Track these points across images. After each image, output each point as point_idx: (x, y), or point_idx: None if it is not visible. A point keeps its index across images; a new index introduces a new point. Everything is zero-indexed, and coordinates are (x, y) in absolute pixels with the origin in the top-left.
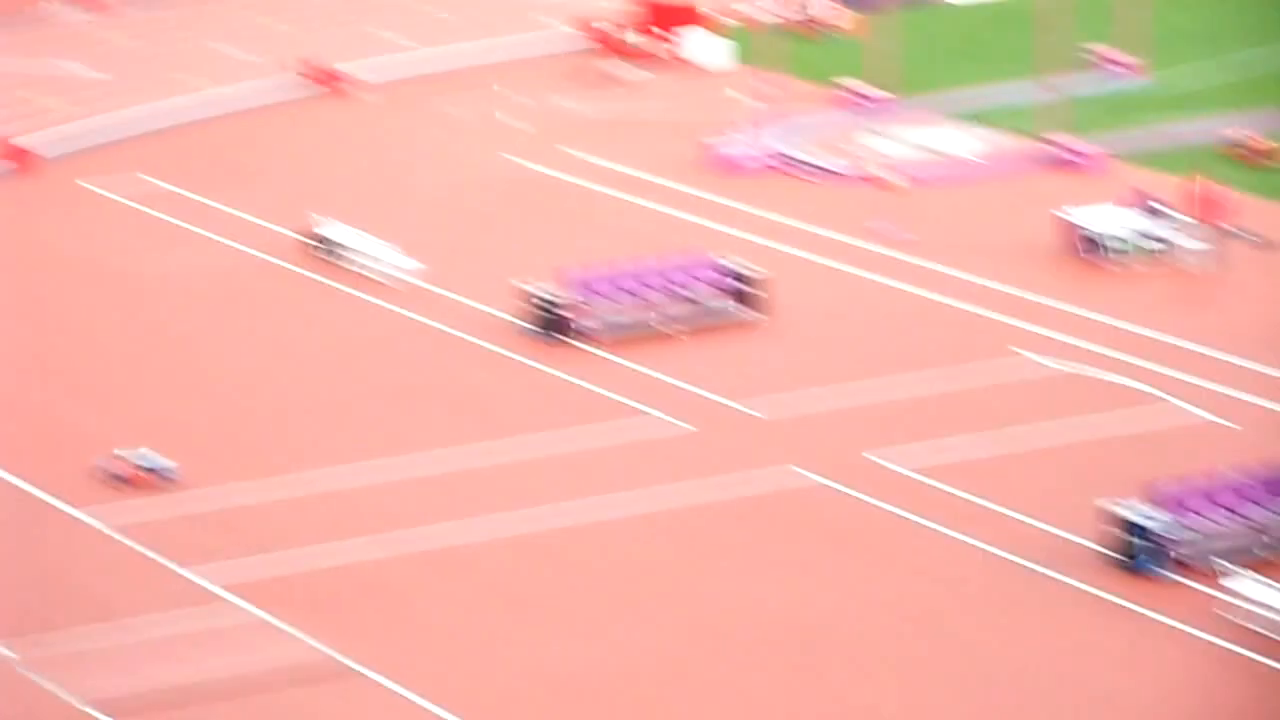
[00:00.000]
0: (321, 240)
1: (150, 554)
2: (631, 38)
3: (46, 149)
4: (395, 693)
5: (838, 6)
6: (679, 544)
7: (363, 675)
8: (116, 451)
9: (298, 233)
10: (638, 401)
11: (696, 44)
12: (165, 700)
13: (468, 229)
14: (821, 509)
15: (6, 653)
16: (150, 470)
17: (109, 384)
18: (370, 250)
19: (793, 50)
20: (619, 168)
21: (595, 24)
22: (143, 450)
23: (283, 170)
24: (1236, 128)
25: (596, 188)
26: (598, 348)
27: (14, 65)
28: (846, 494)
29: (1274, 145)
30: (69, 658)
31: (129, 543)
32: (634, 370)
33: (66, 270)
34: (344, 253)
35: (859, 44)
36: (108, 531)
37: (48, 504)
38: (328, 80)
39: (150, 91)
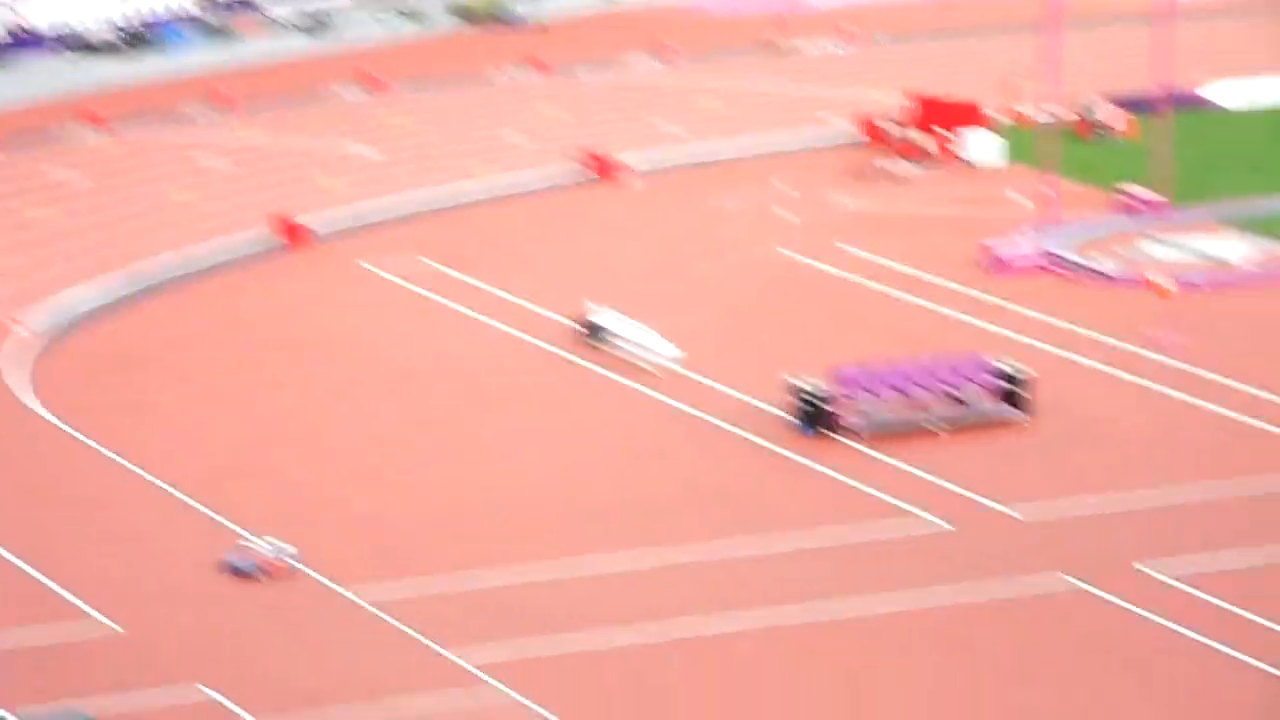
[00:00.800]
0: (591, 326)
1: (412, 633)
2: (909, 134)
3: (322, 226)
4: None
5: (1112, 108)
6: (937, 646)
7: None
8: (241, 542)
9: (568, 318)
10: (897, 498)
11: (972, 142)
12: None
13: (738, 319)
14: (1086, 617)
15: None
16: (277, 559)
17: (369, 459)
18: (637, 337)
19: (1066, 150)
20: (892, 264)
21: (873, 120)
22: (267, 539)
23: (555, 255)
24: None
25: (868, 284)
26: (860, 443)
27: (297, 143)
28: (1113, 602)
29: None
30: None
31: (391, 621)
32: (895, 467)
33: (334, 345)
34: (612, 339)
35: (1132, 146)
36: (368, 608)
37: (320, 583)
38: (603, 168)
39: (426, 174)
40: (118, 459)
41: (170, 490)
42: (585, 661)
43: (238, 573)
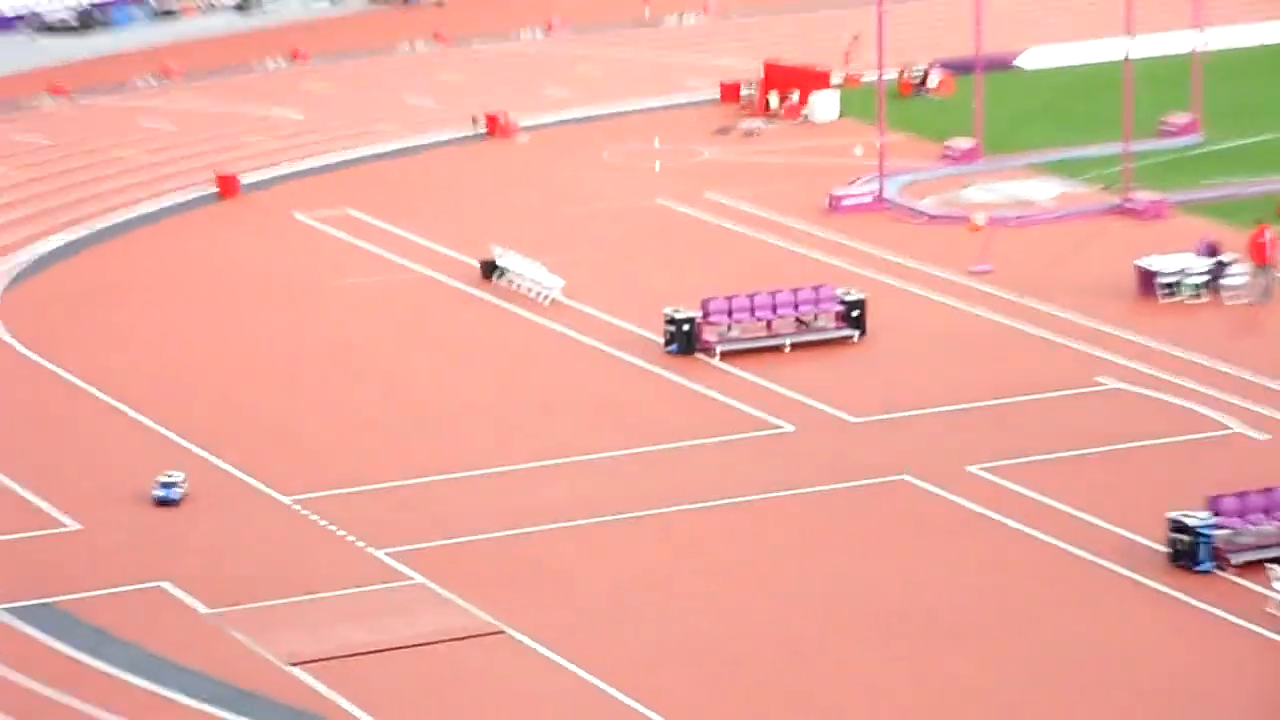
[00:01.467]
0: (492, 264)
1: (344, 535)
2: (762, 96)
3: (252, 179)
4: (541, 654)
5: (933, 68)
6: (787, 532)
7: (513, 637)
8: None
9: (471, 257)
10: (753, 407)
11: (815, 102)
12: (348, 656)
13: (618, 258)
14: (907, 501)
15: (212, 613)
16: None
17: (299, 381)
18: (533, 274)
19: (893, 108)
20: (749, 208)
21: (735, 84)
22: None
23: (458, 203)
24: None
25: (729, 225)
26: (721, 361)
27: (229, 108)
28: (930, 490)
29: None
30: (270, 621)
31: (327, 525)
32: (750, 381)
33: (265, 282)
34: (511, 276)
35: (950, 102)
36: (310, 516)
37: (258, 490)
38: (500, 128)
39: (342, 133)
40: (76, 381)
41: (124, 409)
42: (487, 553)
43: (166, 504)
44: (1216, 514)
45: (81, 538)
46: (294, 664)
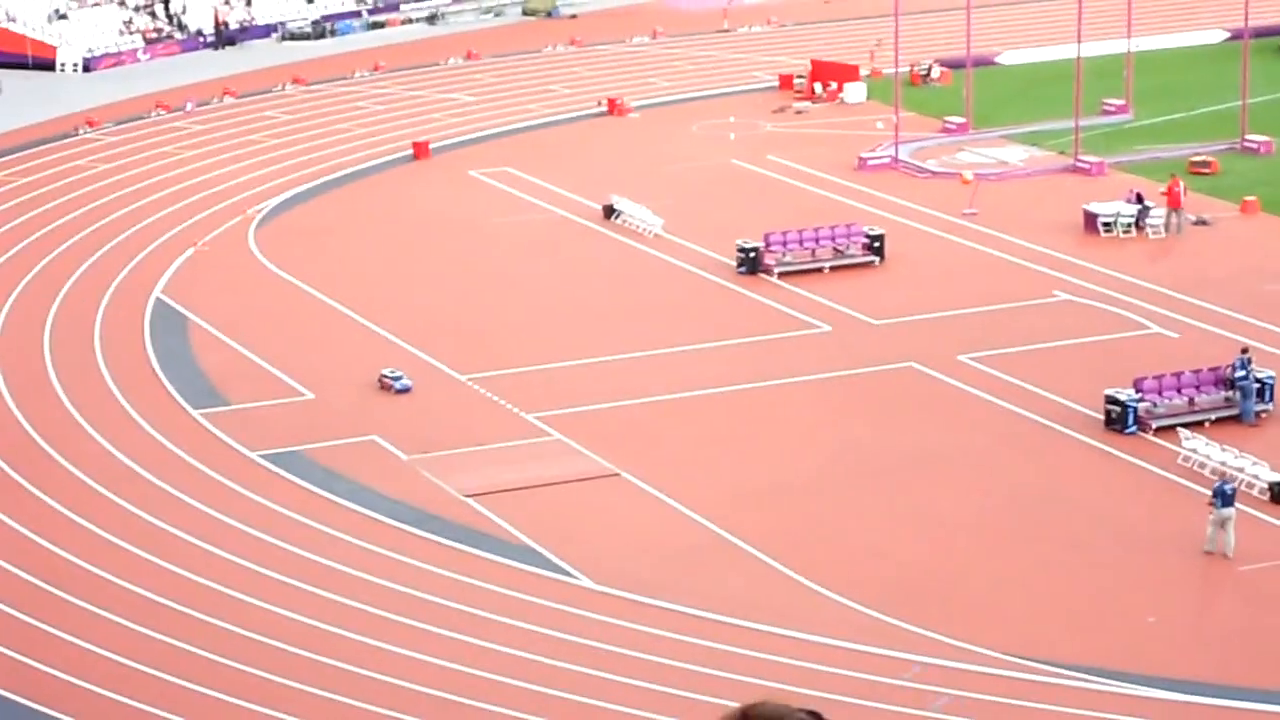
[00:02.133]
0: (610, 207)
1: (503, 403)
2: (809, 84)
3: (438, 145)
4: (646, 490)
5: (935, 64)
6: (824, 403)
7: (623, 477)
8: (383, 372)
9: (596, 202)
10: (801, 312)
11: (848, 89)
12: (506, 490)
13: (703, 203)
14: (917, 384)
15: (409, 458)
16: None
17: (469, 293)
18: (640, 215)
19: (905, 93)
20: (799, 167)
21: (789, 76)
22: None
23: (587, 163)
24: (1192, 151)
25: (784, 179)
26: (777, 279)
27: (422, 93)
28: (936, 376)
29: (1213, 160)
30: (450, 465)
31: (491, 396)
32: (799, 293)
33: (446, 219)
34: (625, 216)
35: (947, 90)
36: (478, 389)
37: (442, 370)
38: (617, 108)
39: (504, 112)
40: (310, 290)
41: (346, 311)
42: (606, 414)
43: (399, 391)
44: (1139, 391)
45: (315, 404)
46: (467, 496)
